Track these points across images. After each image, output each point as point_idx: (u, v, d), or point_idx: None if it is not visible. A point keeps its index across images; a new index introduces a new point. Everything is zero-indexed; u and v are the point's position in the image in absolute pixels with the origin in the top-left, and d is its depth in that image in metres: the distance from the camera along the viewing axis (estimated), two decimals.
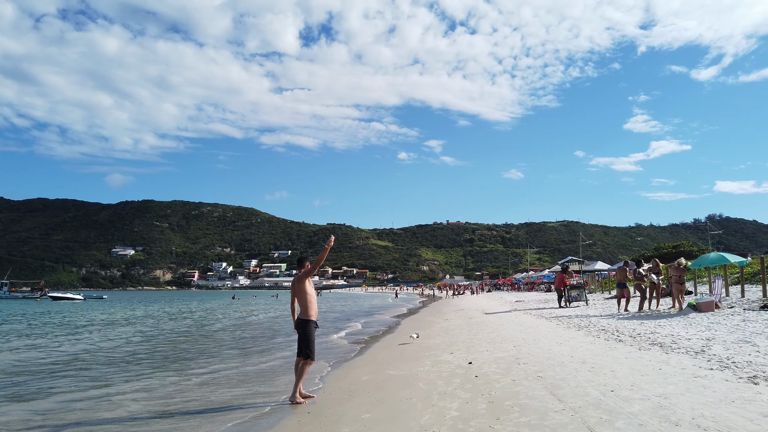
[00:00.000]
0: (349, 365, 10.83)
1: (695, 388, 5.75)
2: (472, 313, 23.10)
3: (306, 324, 7.24)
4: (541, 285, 54.31)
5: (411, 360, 10.20)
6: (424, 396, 6.73)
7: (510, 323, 16.22)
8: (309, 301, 7.28)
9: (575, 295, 22.89)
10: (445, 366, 8.94)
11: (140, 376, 10.51)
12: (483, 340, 12.17)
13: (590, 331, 12.26)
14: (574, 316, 16.92)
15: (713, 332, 10.41)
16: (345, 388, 8.12)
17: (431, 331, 16.41)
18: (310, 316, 7.26)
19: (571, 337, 11.33)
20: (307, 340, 7.22)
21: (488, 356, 9.53)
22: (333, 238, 7.18)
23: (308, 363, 7.25)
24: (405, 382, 7.87)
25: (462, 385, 7.15)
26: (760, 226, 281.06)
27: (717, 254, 16.33)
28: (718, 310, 14.75)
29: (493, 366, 8.41)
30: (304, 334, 7.25)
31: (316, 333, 7.55)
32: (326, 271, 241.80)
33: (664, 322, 12.98)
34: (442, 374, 8.20)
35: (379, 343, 15.07)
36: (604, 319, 15.38)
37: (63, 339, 18.77)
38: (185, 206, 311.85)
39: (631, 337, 10.49)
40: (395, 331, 19.20)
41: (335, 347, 14.77)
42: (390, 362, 10.28)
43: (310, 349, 7.20)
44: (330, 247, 7.06)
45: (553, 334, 12.05)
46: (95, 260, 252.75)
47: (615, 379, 6.50)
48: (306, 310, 7.27)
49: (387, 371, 9.16)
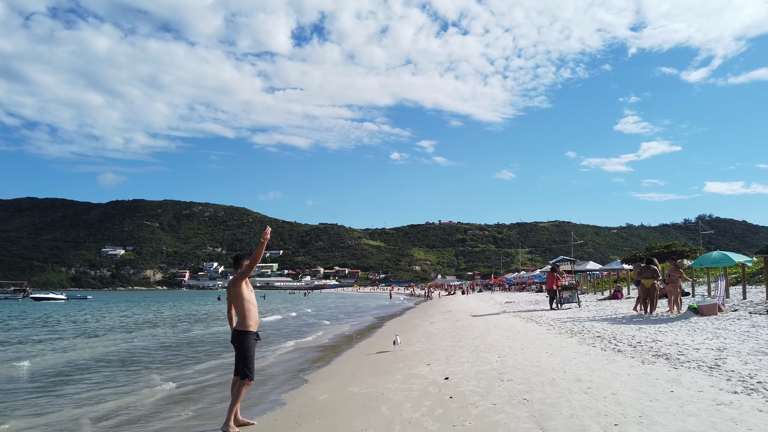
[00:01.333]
0: (312, 377, 9.54)
1: (723, 423, 4.49)
2: (459, 316, 21.87)
3: (244, 336, 5.96)
4: (532, 285, 53.23)
5: (381, 373, 8.93)
6: (383, 427, 5.46)
7: (497, 327, 14.99)
8: (247, 308, 6.01)
9: (567, 297, 21.66)
10: (417, 382, 7.69)
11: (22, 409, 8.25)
12: (466, 348, 10.93)
13: (584, 338, 11.04)
14: (566, 319, 15.72)
15: (723, 340, 9.21)
16: (295, 411, 6.84)
17: (413, 336, 15.16)
18: (248, 326, 5.98)
19: (563, 345, 10.10)
20: (245, 356, 5.94)
21: (468, 369, 8.28)
22: (269, 230, 5.92)
23: (246, 383, 5.96)
24: (366, 405, 6.61)
25: (432, 410, 5.89)
26: (750, 227, 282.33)
27: (720, 253, 15.16)
28: (721, 314, 13.61)
29: (473, 383, 7.16)
30: (241, 349, 5.97)
31: (258, 345, 6.28)
32: (318, 271, 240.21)
33: (665, 328, 11.80)
34: (412, 393, 6.95)
35: (353, 349, 13.78)
36: (598, 322, 14.19)
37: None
38: (176, 206, 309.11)
39: (630, 347, 9.27)
40: (373, 335, 17.92)
41: (303, 354, 13.51)
42: (357, 375, 9.01)
43: (248, 366, 5.92)
44: (266, 240, 5.80)
45: (543, 342, 10.82)
46: (85, 260, 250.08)
47: (618, 406, 5.24)
48: (243, 319, 5.99)
49: (351, 388, 7.88)
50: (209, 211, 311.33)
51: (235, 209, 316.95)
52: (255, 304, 6.15)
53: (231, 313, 6.17)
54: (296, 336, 19.13)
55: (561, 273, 22.84)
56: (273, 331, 21.01)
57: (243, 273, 6.03)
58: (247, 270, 6.00)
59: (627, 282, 28.01)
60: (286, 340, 17.50)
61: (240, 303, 5.99)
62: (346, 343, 16.11)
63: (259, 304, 6.42)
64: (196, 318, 32.15)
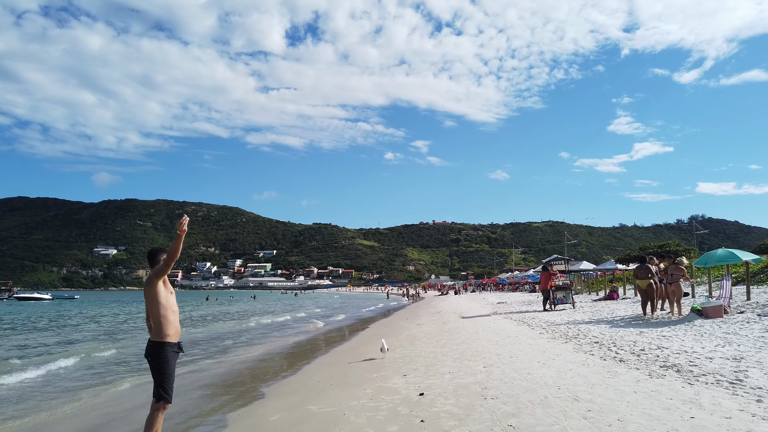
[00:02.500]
0: (271, 391, 8.37)
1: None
2: (448, 317, 20.76)
3: (159, 349, 4.81)
4: (526, 285, 52.25)
5: (350, 386, 7.79)
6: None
7: (486, 331, 13.88)
8: (164, 315, 4.85)
9: (561, 297, 20.58)
10: (388, 398, 6.56)
11: None
12: (449, 355, 9.81)
13: (581, 343, 9.94)
14: (560, 322, 14.63)
15: (737, 348, 8.14)
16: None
17: (396, 339, 14.03)
18: (165, 336, 4.83)
19: (557, 353, 8.99)
20: (161, 373, 4.78)
21: (448, 383, 7.17)
22: (186, 219, 4.78)
23: (161, 407, 4.80)
24: (322, 429, 5.48)
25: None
26: (742, 227, 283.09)
27: (726, 251, 14.08)
28: (727, 316, 12.56)
29: (451, 400, 6.05)
30: (155, 365, 4.81)
31: (182, 359, 5.16)
32: (312, 271, 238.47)
33: (669, 332, 10.73)
34: (378, 414, 5.83)
35: (328, 355, 12.60)
36: (594, 325, 13.11)
37: None
38: (169, 205, 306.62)
39: (633, 355, 8.17)
40: (354, 338, 16.74)
41: (271, 360, 12.34)
42: (323, 389, 7.86)
43: (165, 386, 4.76)
44: (183, 231, 4.67)
45: (534, 348, 9.72)
46: (76, 260, 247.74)
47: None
48: (160, 328, 4.84)
49: (310, 405, 6.74)
50: (202, 210, 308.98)
51: (228, 209, 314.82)
52: (175, 309, 4.98)
53: (150, 321, 5.01)
54: (268, 339, 17.94)
55: (555, 273, 21.69)
56: (245, 333, 19.82)
57: (158, 271, 4.87)
58: (164, 267, 4.84)
59: (623, 282, 27.03)
60: (256, 343, 16.34)
61: (155, 308, 4.84)
62: (324, 347, 14.93)
63: (249, 305, 5.22)
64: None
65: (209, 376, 10.25)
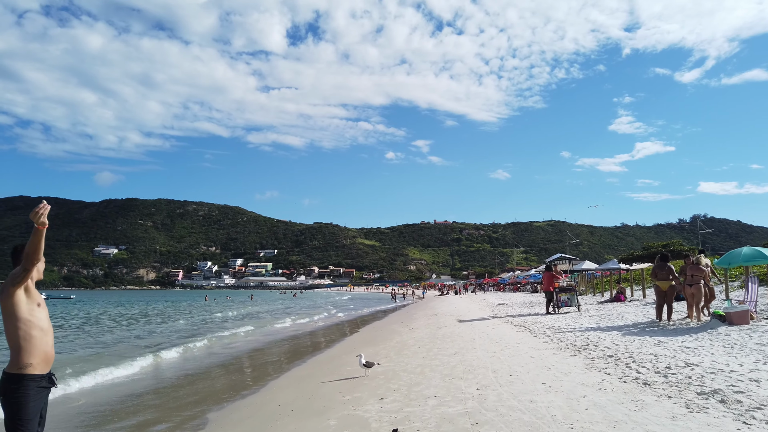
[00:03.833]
0: (219, 417, 6.94)
1: None
2: (444, 320, 19.33)
3: (15, 384, 3.39)
4: (527, 285, 50.81)
5: (313, 414, 6.38)
6: None
7: (484, 338, 12.45)
8: (24, 335, 3.43)
9: (565, 300, 19.08)
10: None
11: None
12: (438, 370, 8.40)
13: (592, 357, 8.50)
14: (566, 328, 13.18)
15: None
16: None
17: (382, 348, 12.62)
18: (24, 365, 3.41)
19: (566, 370, 7.55)
20: (13, 417, 3.37)
21: (431, 412, 5.75)
22: (44, 207, 3.38)
23: None
24: None
25: None
26: (744, 227, 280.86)
27: (753, 249, 12.59)
28: (753, 323, 11.14)
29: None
30: (8, 405, 3.38)
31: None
32: (313, 270, 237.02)
33: (692, 342, 9.30)
34: None
35: (303, 367, 11.17)
36: (604, 332, 11.68)
37: None
38: (170, 205, 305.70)
39: (660, 375, 6.73)
40: (336, 345, 15.31)
41: (233, 372, 10.96)
42: (280, 416, 6.44)
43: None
44: (42, 225, 3.31)
45: (538, 363, 8.28)
46: (77, 259, 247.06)
47: None
48: (18, 353, 3.43)
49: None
50: (203, 210, 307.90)
51: (229, 208, 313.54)
52: (43, 327, 3.55)
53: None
54: (243, 344, 16.55)
55: (558, 272, 20.17)
56: (227, 346, 18.45)
57: (15, 276, 3.45)
58: (22, 272, 3.43)
59: (630, 282, 25.59)
60: (226, 349, 14.96)
61: (12, 325, 3.43)
62: (301, 355, 13.50)
63: (245, 304, 3.75)
64: (148, 318, 29.55)
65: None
